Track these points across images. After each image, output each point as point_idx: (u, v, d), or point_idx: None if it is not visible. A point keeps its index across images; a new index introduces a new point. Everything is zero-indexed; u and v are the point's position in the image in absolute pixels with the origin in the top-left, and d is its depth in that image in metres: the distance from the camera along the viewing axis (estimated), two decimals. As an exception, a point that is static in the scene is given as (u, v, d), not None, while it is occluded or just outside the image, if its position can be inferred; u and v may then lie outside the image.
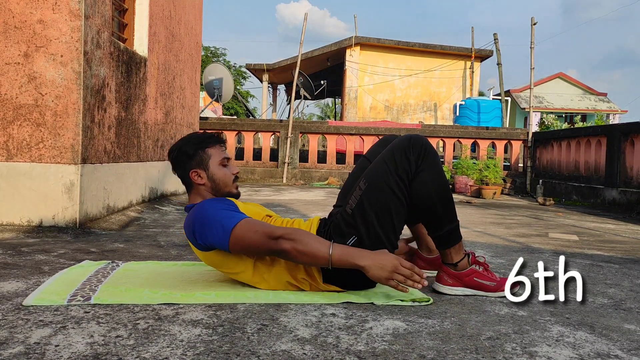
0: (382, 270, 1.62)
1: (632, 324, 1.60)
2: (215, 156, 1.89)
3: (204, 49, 27.59)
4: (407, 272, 1.63)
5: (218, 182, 1.88)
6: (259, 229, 1.68)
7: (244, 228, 1.68)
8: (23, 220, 3.22)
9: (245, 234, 1.67)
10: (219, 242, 1.71)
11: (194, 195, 1.91)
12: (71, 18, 3.21)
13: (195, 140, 1.91)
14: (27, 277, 1.96)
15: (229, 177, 1.90)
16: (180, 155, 1.89)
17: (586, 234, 4.01)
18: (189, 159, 1.88)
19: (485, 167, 8.28)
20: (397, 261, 1.63)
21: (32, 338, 1.30)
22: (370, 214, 1.75)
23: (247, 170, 9.75)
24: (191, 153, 1.88)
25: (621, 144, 6.35)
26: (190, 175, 1.88)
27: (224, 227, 1.69)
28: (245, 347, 1.28)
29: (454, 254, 1.85)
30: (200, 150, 1.88)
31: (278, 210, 4.94)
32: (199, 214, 1.76)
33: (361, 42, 15.92)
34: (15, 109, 3.22)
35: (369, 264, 1.62)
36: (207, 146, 1.90)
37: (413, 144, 1.78)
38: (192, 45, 6.35)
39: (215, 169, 1.88)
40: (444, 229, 1.83)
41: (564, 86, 27.71)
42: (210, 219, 1.73)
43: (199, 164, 1.87)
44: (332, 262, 1.63)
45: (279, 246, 1.65)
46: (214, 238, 1.71)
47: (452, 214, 1.85)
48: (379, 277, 1.63)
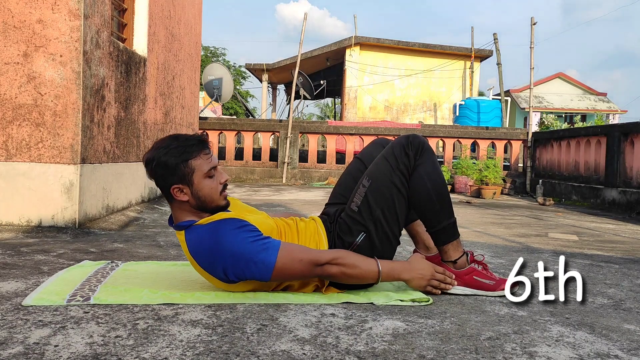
0: (422, 280, 1.77)
1: (632, 324, 1.60)
2: (200, 168, 1.67)
3: (203, 49, 27.60)
4: (441, 276, 1.79)
5: (204, 199, 1.68)
6: (304, 258, 1.64)
7: (287, 258, 1.62)
8: (22, 220, 3.22)
9: (289, 265, 1.63)
10: (259, 276, 1.63)
11: (180, 211, 1.72)
12: (70, 18, 3.21)
13: (175, 151, 1.66)
14: (26, 277, 1.96)
15: (216, 190, 1.70)
16: (159, 169, 1.66)
17: (586, 234, 4.01)
18: (169, 174, 1.66)
19: (485, 167, 8.28)
20: (432, 269, 1.79)
21: (32, 338, 1.30)
22: (377, 210, 1.80)
23: (247, 170, 9.75)
24: (172, 166, 1.65)
25: (621, 144, 6.35)
26: (172, 192, 1.68)
27: (264, 263, 1.61)
28: (244, 347, 1.28)
29: (452, 251, 1.86)
30: (181, 163, 1.65)
31: (278, 210, 4.94)
32: (225, 249, 1.61)
33: (361, 42, 15.92)
34: (15, 108, 3.22)
35: (412, 276, 1.77)
36: (190, 157, 1.66)
37: (411, 140, 1.85)
38: (192, 45, 6.34)
39: (201, 184, 1.67)
40: (441, 224, 1.84)
41: (563, 86, 27.72)
42: (246, 254, 1.60)
43: (181, 180, 1.66)
44: (381, 279, 1.73)
45: (326, 272, 1.68)
46: (254, 274, 1.63)
47: (449, 209, 1.87)
48: (419, 286, 1.78)
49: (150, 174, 1.70)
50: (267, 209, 4.90)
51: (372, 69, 16.10)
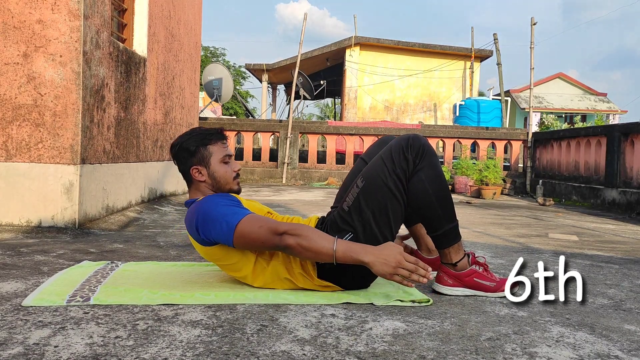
0: (385, 266, 1.60)
1: (632, 324, 1.60)
2: (217, 153, 1.88)
3: (203, 49, 27.59)
4: (412, 266, 1.60)
5: (219, 179, 1.88)
6: (263, 225, 1.68)
7: (249, 223, 1.69)
8: (22, 221, 3.22)
9: (249, 230, 1.68)
10: (223, 237, 1.71)
11: (194, 191, 1.91)
12: (70, 18, 3.21)
13: (197, 137, 1.89)
14: (26, 277, 1.96)
15: (230, 175, 1.89)
16: (182, 152, 1.88)
17: (586, 234, 4.01)
18: (190, 156, 1.87)
19: (485, 168, 8.27)
20: (400, 256, 1.61)
21: (31, 339, 1.30)
22: (367, 212, 1.77)
23: (247, 171, 9.74)
24: (192, 149, 1.86)
25: (621, 144, 6.35)
26: (191, 172, 1.87)
27: (228, 223, 1.69)
28: (244, 347, 1.28)
29: (453, 254, 1.85)
30: (201, 147, 1.87)
31: (278, 210, 4.94)
32: (202, 209, 1.76)
33: (361, 42, 15.91)
34: (15, 109, 3.22)
35: (373, 259, 1.61)
36: (209, 143, 1.88)
37: (412, 143, 1.79)
38: (192, 45, 6.34)
39: (217, 167, 1.87)
40: (442, 228, 1.82)
41: (563, 86, 27.72)
42: (214, 214, 1.73)
43: (200, 161, 1.86)
44: (337, 258, 1.63)
45: (284, 242, 1.66)
46: (218, 233, 1.71)
47: (451, 213, 1.85)
48: (383, 272, 1.61)
49: (174, 156, 1.92)
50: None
51: (372, 69, 16.10)
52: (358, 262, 1.63)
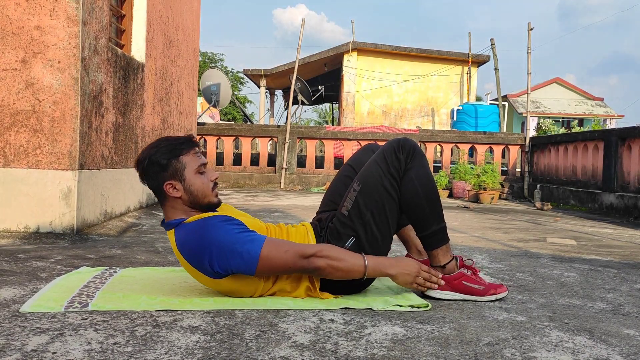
0: (408, 276, 1.77)
1: (631, 328, 1.60)
2: (191, 164, 1.72)
3: (201, 55, 27.62)
4: (427, 275, 1.80)
5: (196, 193, 1.72)
6: (289, 249, 1.65)
7: (272, 249, 1.63)
8: (20, 227, 3.21)
9: (274, 255, 1.63)
10: (244, 267, 1.63)
11: (171, 210, 1.74)
12: (69, 24, 3.21)
13: (166, 148, 1.72)
14: (24, 283, 1.95)
15: (208, 186, 1.74)
16: (151, 166, 1.71)
17: (584, 238, 4.02)
18: (161, 170, 1.70)
19: (483, 172, 8.29)
20: (418, 266, 1.79)
21: (29, 345, 1.29)
22: (367, 214, 1.79)
23: (245, 176, 9.74)
24: (164, 163, 1.70)
25: (618, 148, 6.37)
26: (165, 188, 1.71)
27: (249, 252, 1.62)
28: (243, 353, 1.28)
29: (441, 256, 1.86)
30: (173, 159, 1.70)
31: (276, 215, 4.94)
32: (211, 239, 1.63)
33: (358, 48, 15.96)
34: (13, 115, 3.21)
35: (397, 271, 1.76)
36: (181, 153, 1.72)
37: (402, 144, 1.85)
38: (190, 51, 6.35)
39: (192, 179, 1.71)
40: (430, 228, 1.84)
41: (560, 91, 27.80)
42: (229, 243, 1.62)
43: (173, 175, 1.70)
44: (367, 274, 1.73)
45: (312, 264, 1.66)
46: (239, 264, 1.63)
47: (440, 214, 1.87)
48: (405, 282, 1.79)
49: (142, 174, 1.74)
50: (265, 215, 4.91)
51: (370, 75, 16.14)
52: (384, 275, 1.77)
